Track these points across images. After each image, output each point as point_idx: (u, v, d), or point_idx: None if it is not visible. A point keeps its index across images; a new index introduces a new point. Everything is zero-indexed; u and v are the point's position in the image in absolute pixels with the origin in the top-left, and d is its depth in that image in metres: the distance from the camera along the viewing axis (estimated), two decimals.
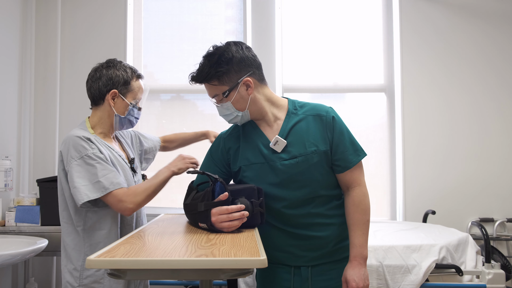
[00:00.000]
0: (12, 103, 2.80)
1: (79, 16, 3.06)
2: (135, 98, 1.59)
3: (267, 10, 3.11)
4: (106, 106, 1.56)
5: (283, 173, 1.38)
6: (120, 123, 1.59)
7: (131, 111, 1.58)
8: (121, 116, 1.57)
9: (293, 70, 3.17)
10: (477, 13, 3.10)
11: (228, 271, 0.93)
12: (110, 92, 1.55)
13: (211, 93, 1.41)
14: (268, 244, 1.42)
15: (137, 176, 1.66)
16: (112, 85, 1.55)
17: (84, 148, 1.44)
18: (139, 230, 1.34)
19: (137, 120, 1.63)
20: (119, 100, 1.56)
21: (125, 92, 1.56)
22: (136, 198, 1.42)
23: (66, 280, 1.50)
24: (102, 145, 1.52)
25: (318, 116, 1.42)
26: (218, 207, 1.24)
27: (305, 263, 1.42)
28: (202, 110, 3.17)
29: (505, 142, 3.04)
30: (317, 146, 1.38)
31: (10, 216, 2.49)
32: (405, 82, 3.07)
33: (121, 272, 0.94)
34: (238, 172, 1.45)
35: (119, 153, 1.59)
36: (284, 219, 1.41)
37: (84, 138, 1.46)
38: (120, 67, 1.57)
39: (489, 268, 2.12)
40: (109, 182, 1.41)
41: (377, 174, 3.12)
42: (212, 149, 1.53)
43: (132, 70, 1.60)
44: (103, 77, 1.56)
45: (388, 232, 2.38)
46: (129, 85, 1.57)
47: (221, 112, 1.43)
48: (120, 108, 1.57)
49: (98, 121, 1.58)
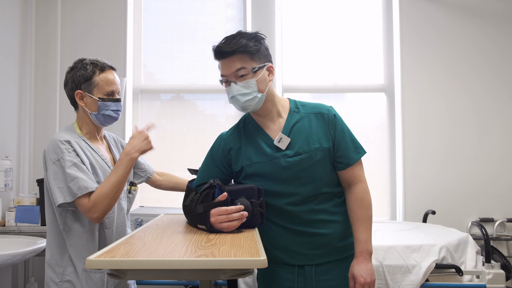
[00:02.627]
0: (12, 103, 2.80)
1: (79, 16, 3.06)
2: (104, 91, 1.55)
3: (267, 10, 3.11)
4: (81, 107, 1.57)
5: (287, 170, 1.39)
6: (99, 120, 1.56)
7: (102, 106, 1.54)
8: (95, 113, 1.54)
9: (293, 70, 3.17)
10: (477, 13, 3.10)
11: (228, 271, 0.93)
12: (75, 93, 1.55)
13: (238, 65, 1.36)
14: (271, 244, 1.43)
15: None
16: (75, 86, 1.55)
17: (61, 151, 1.44)
18: (138, 230, 1.33)
19: (118, 112, 1.58)
20: (87, 98, 1.54)
21: (89, 89, 1.54)
22: (100, 206, 1.40)
23: (48, 276, 1.51)
24: (85, 148, 1.52)
25: (320, 114, 1.45)
26: (217, 208, 1.24)
27: (309, 262, 1.42)
28: (202, 110, 3.17)
29: (505, 142, 3.04)
30: (320, 143, 1.40)
31: (10, 216, 2.49)
32: (405, 82, 3.07)
33: (121, 273, 0.94)
34: (240, 172, 1.45)
35: (102, 156, 1.57)
36: (288, 216, 1.41)
37: (63, 141, 1.46)
38: (81, 67, 1.55)
39: (489, 268, 2.12)
40: (77, 187, 1.40)
41: (377, 174, 3.12)
42: (213, 150, 1.53)
43: (94, 65, 1.56)
44: (68, 81, 1.57)
45: (388, 232, 2.38)
46: (91, 81, 1.54)
47: (239, 91, 1.37)
48: (91, 105, 1.54)
49: (81, 123, 1.59)
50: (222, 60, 1.39)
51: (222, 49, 1.37)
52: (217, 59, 1.42)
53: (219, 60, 1.41)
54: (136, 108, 3.14)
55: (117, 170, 1.45)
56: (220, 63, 1.41)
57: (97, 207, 1.40)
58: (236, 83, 1.37)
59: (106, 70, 1.57)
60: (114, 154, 1.66)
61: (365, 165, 1.50)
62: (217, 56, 1.40)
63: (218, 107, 3.18)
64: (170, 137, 3.13)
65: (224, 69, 1.39)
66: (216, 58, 1.41)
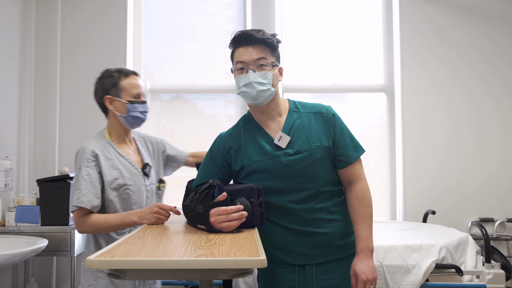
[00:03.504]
0: (12, 103, 2.80)
1: (79, 16, 3.06)
2: (131, 94, 1.68)
3: (267, 10, 3.11)
4: (111, 112, 1.70)
5: (288, 168, 1.39)
6: (128, 121, 1.69)
7: (131, 108, 1.66)
8: (124, 116, 1.67)
9: (293, 70, 3.17)
10: (476, 13, 3.10)
11: (227, 271, 0.93)
12: (105, 98, 1.68)
13: (261, 54, 1.40)
14: (272, 244, 1.43)
15: (150, 180, 1.73)
16: (104, 93, 1.68)
17: (82, 161, 1.59)
18: (138, 230, 1.34)
19: (145, 113, 1.72)
20: (116, 102, 1.67)
21: (117, 93, 1.67)
22: (84, 228, 1.56)
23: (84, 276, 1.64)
24: (112, 153, 1.64)
25: (319, 114, 1.46)
26: (216, 208, 1.24)
27: (309, 261, 1.42)
28: (202, 110, 3.17)
29: (505, 142, 3.04)
30: (320, 141, 1.42)
31: (10, 216, 2.49)
32: (405, 82, 3.07)
33: (120, 272, 0.94)
34: (241, 171, 1.45)
35: (129, 160, 1.68)
36: (289, 215, 1.41)
37: (90, 152, 1.59)
38: (108, 75, 1.69)
39: (489, 268, 2.12)
40: (75, 198, 1.55)
41: (377, 174, 3.12)
42: (212, 150, 1.53)
43: (119, 72, 1.70)
44: (97, 90, 1.71)
45: (388, 232, 2.38)
46: (118, 86, 1.67)
47: (256, 79, 1.38)
48: (120, 108, 1.67)
49: (111, 128, 1.72)
50: (244, 46, 1.41)
51: (251, 35, 1.40)
52: (237, 46, 1.43)
53: (240, 46, 1.42)
54: None
55: (120, 219, 1.55)
56: (240, 50, 1.42)
57: (85, 228, 1.56)
58: (254, 71, 1.39)
59: (130, 75, 1.71)
60: (142, 155, 1.76)
61: (365, 165, 1.50)
62: (241, 42, 1.42)
63: (218, 107, 3.18)
64: (170, 137, 3.12)
65: (246, 55, 1.40)
66: (237, 44, 1.43)
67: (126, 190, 1.62)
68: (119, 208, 1.61)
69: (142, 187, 1.68)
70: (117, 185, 1.60)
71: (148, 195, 1.71)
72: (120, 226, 1.55)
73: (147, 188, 1.70)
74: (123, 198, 1.62)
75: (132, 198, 1.63)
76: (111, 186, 1.59)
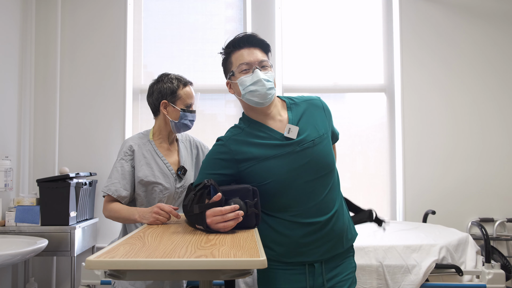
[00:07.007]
0: (12, 103, 2.80)
1: (79, 16, 3.06)
2: (185, 103, 1.76)
3: (267, 10, 3.11)
4: (162, 115, 1.78)
5: (301, 158, 1.39)
6: (177, 127, 1.77)
7: (183, 116, 1.75)
8: (176, 121, 1.75)
9: (293, 70, 3.17)
10: (477, 13, 3.10)
11: (227, 272, 0.93)
12: (161, 103, 1.76)
13: (262, 56, 1.44)
14: (281, 243, 1.41)
15: (181, 182, 1.78)
16: (161, 97, 1.76)
17: (120, 153, 1.74)
18: (138, 230, 1.34)
19: (193, 122, 1.79)
20: (171, 108, 1.76)
21: (174, 100, 1.75)
22: (105, 213, 1.70)
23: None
24: (149, 152, 1.75)
25: (314, 103, 1.52)
26: (212, 209, 1.24)
27: (319, 257, 1.41)
28: (202, 110, 3.17)
29: (505, 142, 3.04)
30: (324, 128, 1.47)
31: (10, 216, 2.49)
32: (405, 82, 3.07)
33: (120, 273, 0.94)
34: (248, 169, 1.42)
35: (164, 160, 1.76)
36: (302, 202, 1.39)
37: (128, 147, 1.74)
38: (167, 80, 1.77)
39: (489, 268, 2.12)
40: (105, 184, 1.70)
41: (377, 174, 3.12)
42: (213, 152, 1.51)
43: (178, 80, 1.78)
44: (154, 92, 1.78)
45: (388, 232, 2.38)
46: (176, 94, 1.75)
47: (265, 77, 1.40)
48: (173, 114, 1.76)
49: (158, 129, 1.81)
50: (248, 48, 1.42)
51: (254, 37, 1.43)
52: (238, 48, 1.43)
53: (241, 48, 1.43)
54: (136, 108, 3.14)
55: (127, 213, 1.63)
56: (242, 51, 1.43)
57: (105, 212, 1.70)
58: (260, 69, 1.42)
59: (187, 85, 1.79)
60: (181, 157, 1.83)
61: (365, 165, 1.51)
62: (244, 43, 1.43)
63: (218, 107, 3.18)
64: None
65: (251, 56, 1.42)
66: (239, 46, 1.43)
67: (154, 188, 1.70)
68: (146, 202, 1.71)
69: (173, 188, 1.74)
70: (146, 182, 1.69)
71: (177, 196, 1.77)
72: (127, 220, 1.62)
73: (177, 190, 1.75)
74: (150, 194, 1.71)
75: (158, 196, 1.70)
76: (140, 181, 1.69)
